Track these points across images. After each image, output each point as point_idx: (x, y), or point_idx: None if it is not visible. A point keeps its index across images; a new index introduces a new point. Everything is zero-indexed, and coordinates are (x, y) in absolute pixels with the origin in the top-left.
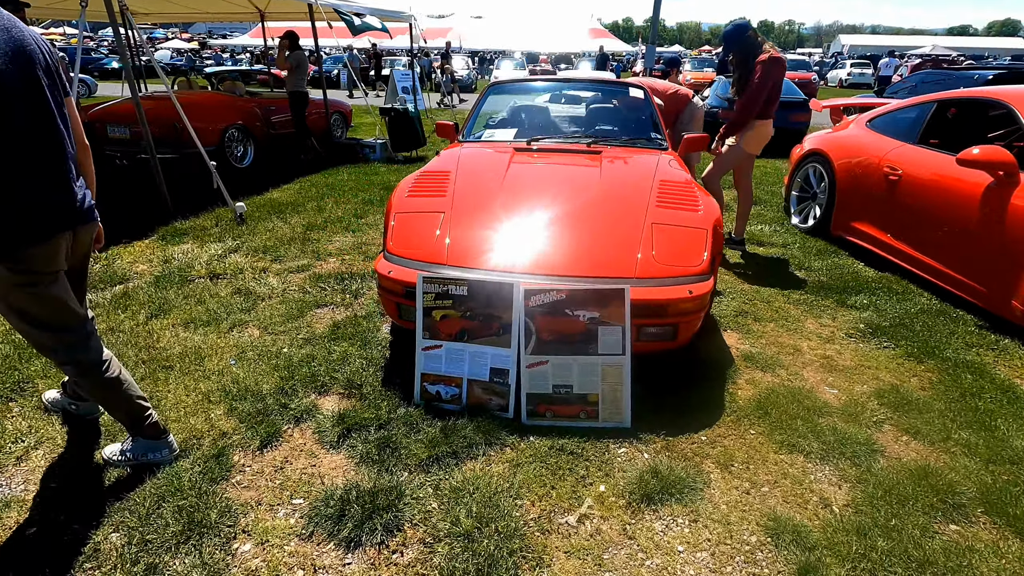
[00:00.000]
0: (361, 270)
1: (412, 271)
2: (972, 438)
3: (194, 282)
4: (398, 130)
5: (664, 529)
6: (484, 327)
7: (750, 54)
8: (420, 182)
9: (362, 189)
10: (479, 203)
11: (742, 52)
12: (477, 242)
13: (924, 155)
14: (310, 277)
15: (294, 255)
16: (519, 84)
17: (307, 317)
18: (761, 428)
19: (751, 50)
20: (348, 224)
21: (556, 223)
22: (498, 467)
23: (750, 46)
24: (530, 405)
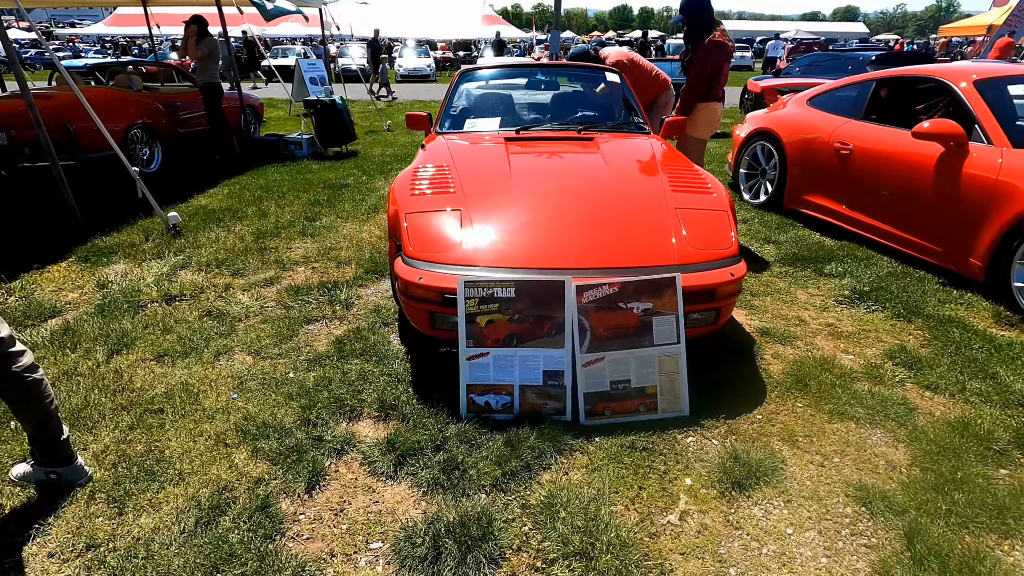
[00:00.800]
0: (338, 277)
1: (449, 276)
2: (982, 387)
3: (148, 308)
4: (326, 124)
5: (764, 514)
6: (535, 329)
7: (698, 34)
8: (419, 179)
9: (302, 189)
10: (494, 198)
11: (692, 27)
12: (509, 239)
13: (874, 130)
14: (285, 290)
15: (255, 267)
16: (492, 71)
17: (300, 336)
18: (807, 400)
19: (701, 28)
20: (303, 229)
21: (582, 214)
22: (576, 474)
23: (703, 24)
24: (588, 405)
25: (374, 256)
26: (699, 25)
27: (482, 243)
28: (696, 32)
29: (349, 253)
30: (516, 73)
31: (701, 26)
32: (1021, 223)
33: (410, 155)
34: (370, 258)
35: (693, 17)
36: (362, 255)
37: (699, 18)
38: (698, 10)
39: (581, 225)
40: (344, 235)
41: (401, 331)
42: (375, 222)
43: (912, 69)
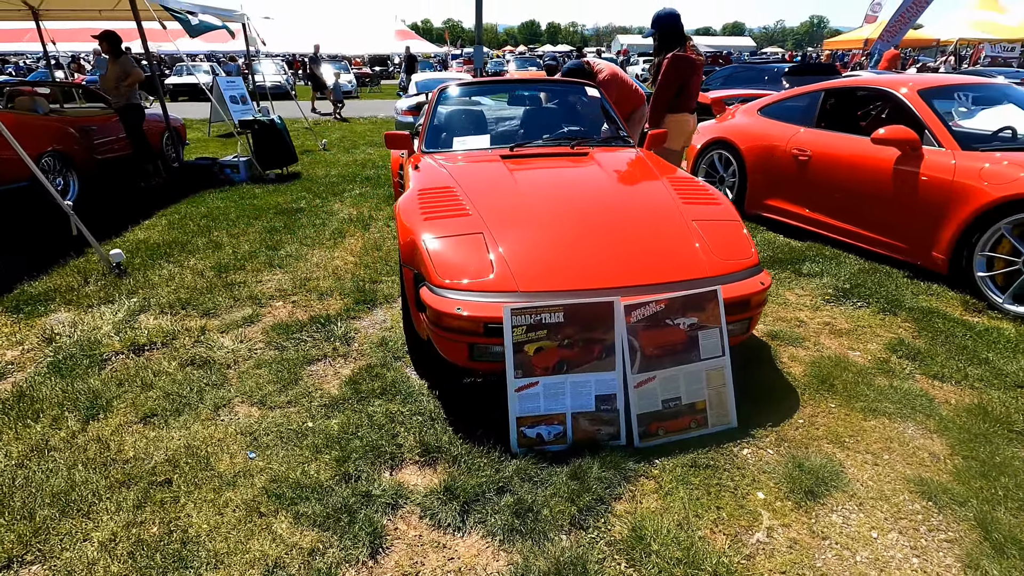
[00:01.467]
0: (325, 311)
1: (493, 304)
2: (980, 372)
3: (113, 361)
4: (265, 145)
5: (844, 521)
6: (585, 353)
7: (666, 47)
8: (428, 202)
9: (252, 216)
10: (513, 218)
11: (661, 40)
12: (545, 261)
13: (831, 137)
14: (270, 329)
15: (227, 305)
16: (473, 87)
17: (305, 379)
18: (837, 400)
19: (669, 42)
20: (268, 259)
21: (607, 231)
22: (649, 501)
23: (670, 38)
24: (641, 426)
25: (358, 285)
26: (667, 39)
27: (516, 267)
28: (664, 45)
29: (328, 283)
30: (497, 89)
31: (669, 40)
32: (979, 219)
33: (358, 175)
34: (354, 287)
35: (661, 31)
36: (343, 285)
37: (667, 32)
38: (667, 24)
39: (611, 242)
40: (316, 264)
41: (416, 364)
42: (345, 248)
43: (859, 80)
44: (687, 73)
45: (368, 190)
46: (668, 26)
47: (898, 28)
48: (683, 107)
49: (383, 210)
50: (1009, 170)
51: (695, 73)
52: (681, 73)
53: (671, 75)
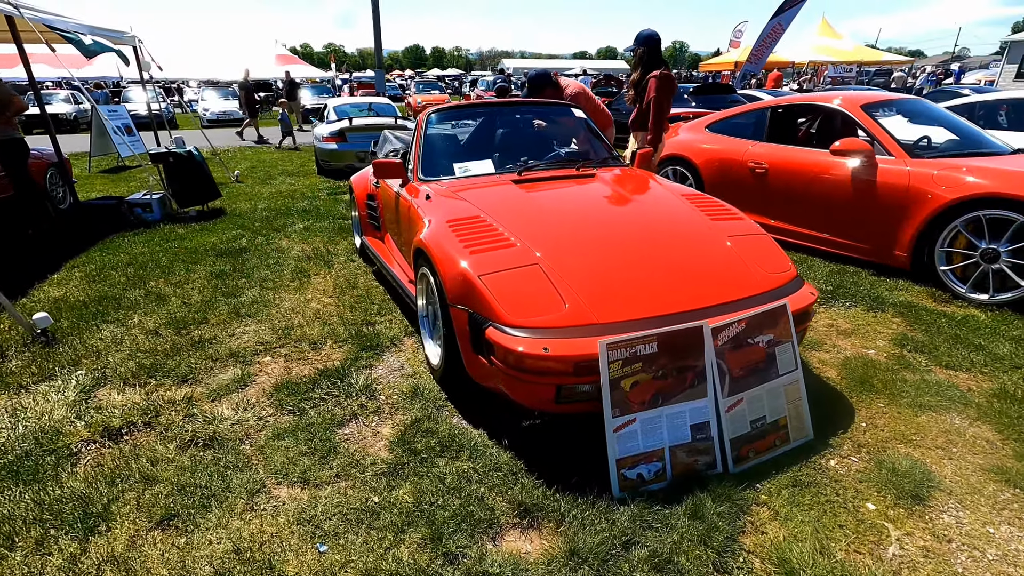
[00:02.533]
0: (328, 363)
1: (583, 340)
2: (981, 358)
3: (86, 453)
4: (184, 180)
5: (956, 520)
6: (678, 382)
7: (654, 65)
8: (464, 234)
9: (189, 260)
10: (560, 246)
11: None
12: (611, 289)
13: (787, 150)
14: (273, 391)
15: (204, 368)
16: (460, 111)
17: (343, 445)
18: (884, 400)
19: (657, 61)
20: (233, 309)
21: (653, 252)
22: (773, 530)
23: (658, 57)
24: (734, 451)
25: (353, 330)
26: (654, 57)
27: (587, 298)
28: (652, 63)
29: (316, 330)
30: (485, 112)
31: (656, 59)
32: (936, 219)
33: (291, 208)
34: (349, 333)
35: (650, 50)
36: (334, 330)
37: (654, 51)
38: (654, 44)
39: (664, 265)
40: (290, 309)
41: (465, 412)
42: (316, 289)
43: (804, 98)
44: (673, 91)
45: (312, 223)
46: (654, 46)
47: (762, 52)
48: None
49: (339, 244)
50: (960, 174)
51: (674, 91)
52: (671, 90)
53: (665, 92)
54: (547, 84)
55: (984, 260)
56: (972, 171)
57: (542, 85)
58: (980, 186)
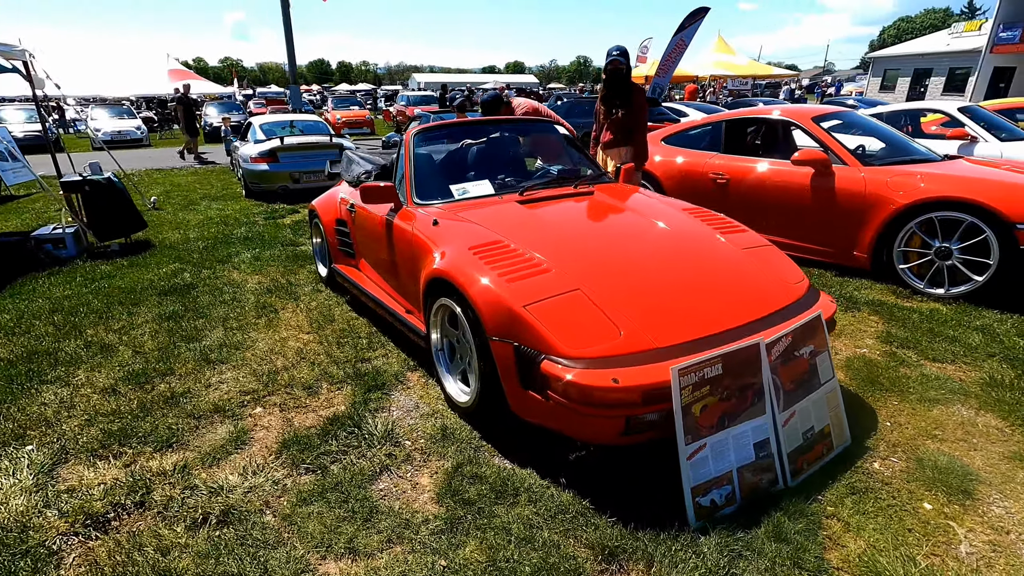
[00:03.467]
0: (330, 409)
1: (649, 368)
2: (957, 348)
3: (70, 550)
4: (103, 210)
5: (1007, 511)
6: (741, 402)
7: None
8: (492, 261)
9: (129, 302)
10: (592, 269)
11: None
12: (658, 311)
13: (748, 161)
14: (281, 448)
15: (189, 428)
16: (445, 130)
17: (382, 504)
18: (895, 397)
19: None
20: (200, 355)
21: (686, 268)
22: (851, 543)
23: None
24: (791, 464)
25: (348, 370)
26: (630, 71)
27: (638, 322)
28: (629, 78)
29: (305, 373)
30: (471, 131)
31: (630, 73)
32: (893, 222)
33: (229, 236)
34: (346, 373)
35: (628, 67)
36: (328, 371)
37: (629, 65)
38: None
39: (702, 282)
40: (268, 350)
41: (505, 451)
42: (289, 325)
43: (758, 111)
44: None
45: (260, 252)
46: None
47: (668, 67)
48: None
49: (299, 274)
50: (912, 180)
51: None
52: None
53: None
54: (500, 105)
55: (938, 258)
56: (925, 177)
57: (496, 106)
58: (933, 190)
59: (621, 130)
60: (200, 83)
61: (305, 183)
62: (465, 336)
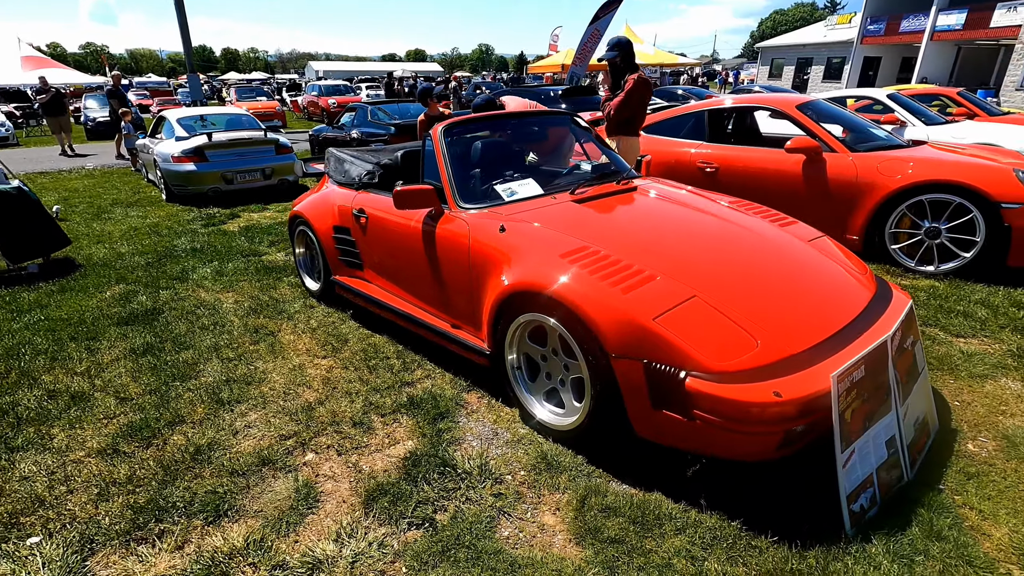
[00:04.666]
0: (398, 447)
1: (801, 377)
2: (970, 323)
3: None
4: (15, 227)
5: None
6: (875, 402)
7: (630, 68)
8: (594, 270)
9: (80, 337)
10: (694, 271)
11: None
12: (779, 314)
13: (735, 150)
14: (363, 501)
15: (236, 489)
16: (474, 124)
17: (518, 555)
18: (949, 376)
19: (632, 64)
20: (208, 396)
21: (775, 266)
22: (995, 531)
23: (632, 61)
24: (909, 456)
25: (395, 398)
26: (629, 61)
27: (768, 329)
28: (628, 66)
29: (346, 405)
30: (498, 126)
31: (631, 63)
32: (884, 205)
33: (171, 248)
34: (396, 402)
35: (627, 55)
36: (372, 401)
37: (630, 56)
38: (629, 48)
39: (796, 279)
40: (288, 382)
41: (620, 475)
42: (298, 349)
43: (744, 99)
44: (648, 96)
45: (219, 265)
46: (630, 50)
47: (584, 56)
48: (632, 131)
49: (278, 288)
50: (903, 165)
51: (649, 95)
52: (644, 95)
53: (634, 94)
54: (492, 108)
55: (928, 237)
56: (915, 162)
57: (489, 109)
58: (924, 174)
59: (612, 122)
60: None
61: (240, 184)
62: (557, 355)
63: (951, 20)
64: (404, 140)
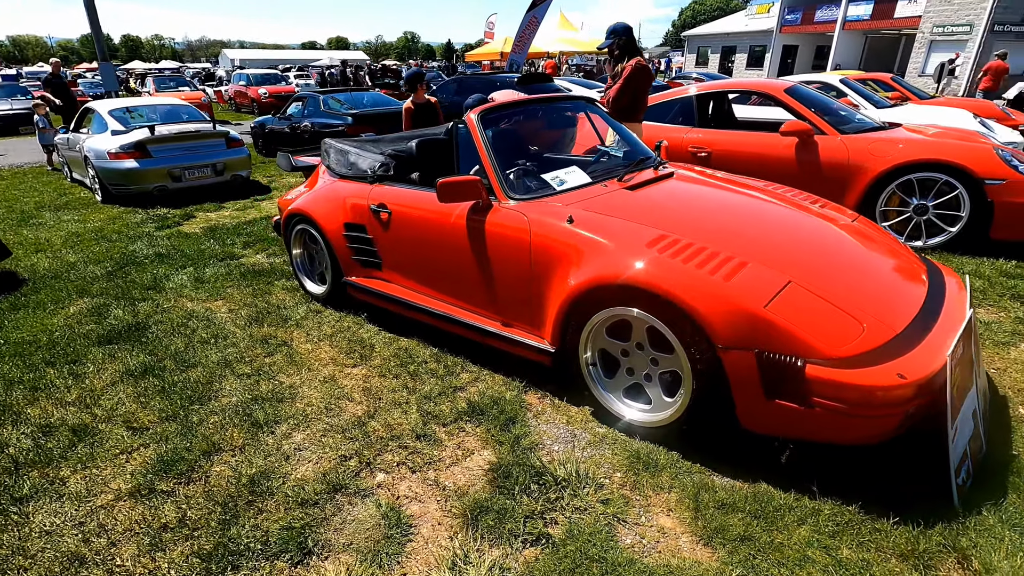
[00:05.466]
0: (469, 459)
1: (916, 357)
2: (975, 294)
3: None
4: None
5: None
6: (966, 377)
7: (628, 55)
8: (689, 258)
9: (59, 361)
10: (778, 255)
11: (627, 48)
12: (869, 294)
13: (727, 134)
14: (461, 526)
15: (314, 523)
16: (510, 110)
17: (652, 564)
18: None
19: (632, 50)
20: (241, 418)
21: (843, 249)
22: None
23: (633, 46)
24: (983, 426)
25: (452, 407)
26: (629, 47)
27: (869, 311)
28: (627, 52)
29: (399, 417)
30: (532, 111)
31: (631, 48)
32: (875, 185)
33: (125, 254)
34: (457, 409)
35: (627, 40)
36: (428, 411)
37: (630, 41)
38: (628, 34)
39: (863, 260)
40: (324, 396)
41: (719, 469)
42: (322, 359)
43: (731, 84)
44: (646, 82)
45: (195, 271)
46: (629, 36)
47: (523, 43)
48: (634, 116)
49: (273, 293)
50: (893, 146)
51: (650, 83)
52: (641, 81)
53: (631, 81)
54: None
55: (916, 214)
56: (904, 143)
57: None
58: (914, 154)
59: (612, 109)
60: None
61: (189, 181)
62: (643, 349)
63: (860, 11)
64: (363, 131)
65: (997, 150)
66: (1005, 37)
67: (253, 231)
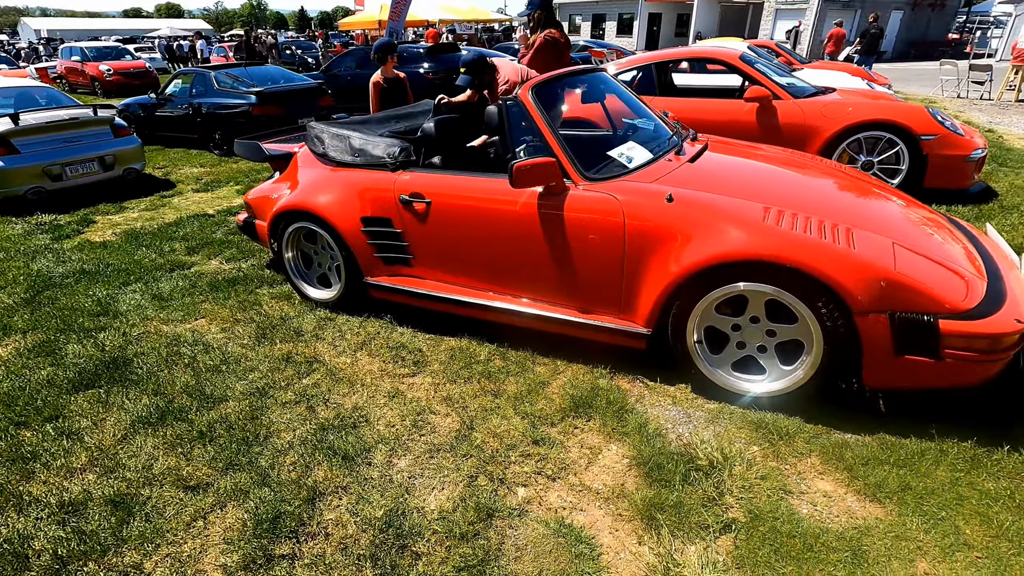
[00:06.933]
0: (599, 457)
1: (1012, 302)
2: None
3: None
4: None
5: None
6: None
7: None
8: (798, 225)
9: (30, 424)
10: (863, 217)
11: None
12: (947, 248)
13: (692, 102)
14: (643, 524)
15: (492, 551)
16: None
17: (836, 528)
18: None
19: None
20: (314, 453)
21: (892, 212)
22: None
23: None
24: None
25: (556, 402)
26: (548, 18)
27: (959, 263)
28: (542, 24)
29: (502, 424)
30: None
31: (548, 20)
32: (829, 144)
33: (27, 274)
34: (559, 407)
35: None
36: (528, 412)
37: (549, 12)
38: (547, 6)
39: (910, 219)
40: (403, 414)
41: (840, 427)
42: (372, 372)
43: (688, 51)
44: (558, 51)
45: (148, 288)
46: (548, 8)
47: (400, 11)
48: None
49: (265, 304)
50: (843, 108)
51: (564, 52)
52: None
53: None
54: (484, 66)
55: (864, 169)
56: (853, 105)
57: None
58: (864, 115)
59: None
60: None
61: (72, 180)
62: (758, 322)
63: None
64: (269, 111)
65: (929, 108)
66: (835, 6)
67: (187, 233)
